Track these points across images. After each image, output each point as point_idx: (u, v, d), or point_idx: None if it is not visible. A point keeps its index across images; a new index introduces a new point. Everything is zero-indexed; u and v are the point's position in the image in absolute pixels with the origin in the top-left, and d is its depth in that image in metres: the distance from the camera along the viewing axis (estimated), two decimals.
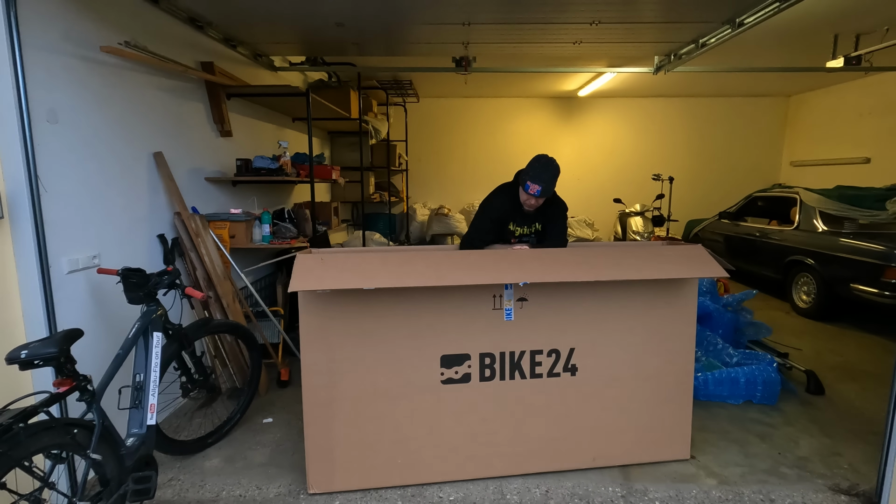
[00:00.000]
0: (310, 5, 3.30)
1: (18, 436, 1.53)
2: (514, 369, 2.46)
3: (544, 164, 2.59)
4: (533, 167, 2.59)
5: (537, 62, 5.52)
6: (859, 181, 6.62)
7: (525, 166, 2.65)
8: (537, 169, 2.57)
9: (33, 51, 2.19)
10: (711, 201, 8.48)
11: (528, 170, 2.60)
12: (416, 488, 2.43)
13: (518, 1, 3.27)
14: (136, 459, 2.04)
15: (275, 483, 2.48)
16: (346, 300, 2.30)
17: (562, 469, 2.55)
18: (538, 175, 2.55)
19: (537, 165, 2.59)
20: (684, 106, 8.72)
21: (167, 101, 3.20)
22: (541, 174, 2.55)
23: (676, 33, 4.06)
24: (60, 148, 2.36)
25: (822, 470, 2.58)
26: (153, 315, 2.25)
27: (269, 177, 3.78)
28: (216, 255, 3.31)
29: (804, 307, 5.30)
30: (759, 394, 3.24)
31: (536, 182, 2.54)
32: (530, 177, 2.55)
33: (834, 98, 7.68)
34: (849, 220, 5.00)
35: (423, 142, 8.66)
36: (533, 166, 2.59)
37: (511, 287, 2.41)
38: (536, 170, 2.57)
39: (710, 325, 3.82)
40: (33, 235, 2.18)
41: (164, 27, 3.20)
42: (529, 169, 2.59)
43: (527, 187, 2.56)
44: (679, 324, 2.57)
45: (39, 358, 1.71)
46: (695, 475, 2.53)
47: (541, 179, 2.54)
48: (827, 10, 3.99)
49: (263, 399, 3.39)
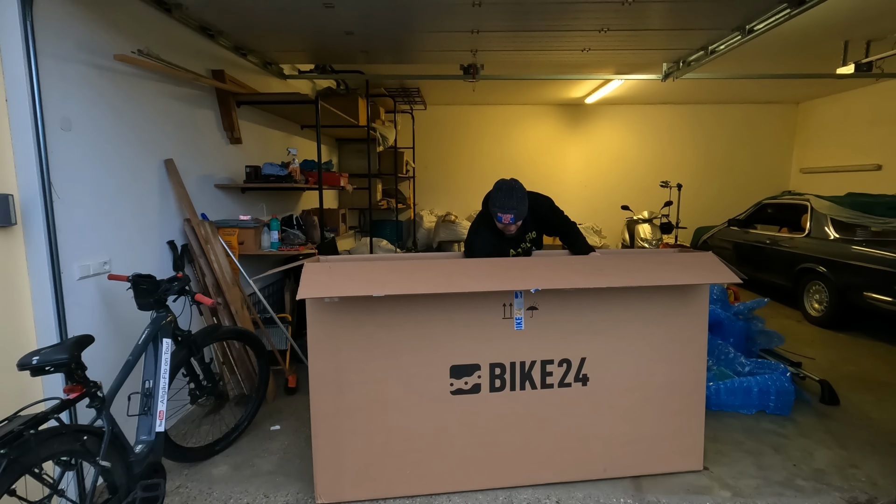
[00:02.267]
0: (320, 14, 3.32)
1: (29, 442, 1.53)
2: (525, 379, 2.44)
3: (507, 191, 2.52)
4: (496, 197, 2.53)
5: (545, 69, 5.54)
6: (871, 188, 6.56)
7: (489, 192, 2.60)
8: (501, 198, 2.51)
9: (48, 59, 2.22)
10: (720, 208, 8.43)
11: (493, 201, 2.54)
12: (425, 499, 2.40)
13: (526, 9, 3.28)
14: (145, 466, 2.04)
15: (282, 492, 2.46)
16: (355, 309, 2.29)
17: (572, 480, 2.52)
18: (504, 204, 2.50)
19: (499, 195, 2.52)
20: (692, 113, 8.69)
21: (178, 108, 3.23)
22: (506, 202, 2.50)
23: (685, 40, 4.05)
24: (73, 155, 2.38)
25: (839, 483, 2.52)
26: (163, 321, 2.25)
27: (277, 184, 3.80)
28: (225, 262, 3.32)
29: (816, 316, 5.23)
30: (773, 404, 3.19)
31: (506, 211, 2.50)
32: (498, 208, 2.51)
33: (844, 105, 7.62)
34: (861, 228, 4.94)
35: (430, 149, 8.69)
36: (496, 196, 2.53)
37: (521, 296, 2.39)
38: (501, 199, 2.51)
39: (722, 333, 3.77)
40: (46, 242, 2.20)
41: (177, 36, 3.23)
42: (495, 200, 2.53)
43: (499, 219, 2.53)
44: (691, 332, 2.54)
45: (50, 364, 1.71)
46: (708, 487, 2.49)
47: (508, 207, 2.49)
48: (837, 16, 3.97)
49: (271, 406, 3.38)
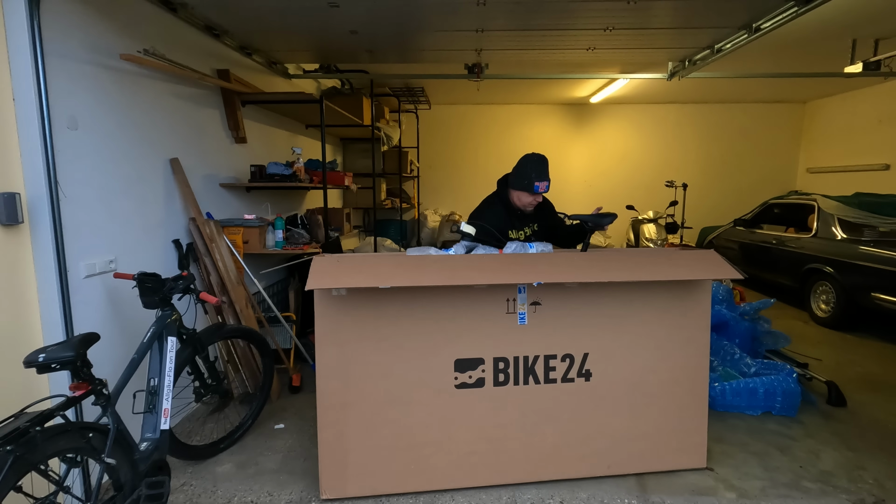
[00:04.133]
0: (325, 14, 3.32)
1: (35, 439, 1.53)
2: (528, 374, 2.44)
3: (540, 161, 2.65)
4: (532, 167, 2.62)
5: (550, 69, 5.52)
6: (878, 188, 6.50)
7: (514, 170, 2.70)
8: (538, 167, 2.62)
9: (55, 58, 2.23)
10: (726, 208, 8.37)
11: (527, 171, 2.62)
12: (429, 495, 2.40)
13: (531, 8, 3.27)
14: (150, 464, 2.04)
15: (286, 490, 2.47)
16: (362, 304, 2.29)
17: (576, 476, 2.51)
18: (542, 172, 2.62)
19: (535, 164, 2.63)
20: (698, 112, 8.64)
21: (184, 107, 3.24)
22: (543, 171, 2.62)
23: (691, 39, 4.02)
24: (79, 154, 2.39)
25: (846, 485, 2.50)
26: (168, 320, 2.26)
27: (282, 183, 3.81)
28: (230, 261, 3.33)
29: (823, 316, 5.19)
30: (779, 405, 3.16)
31: (543, 179, 2.61)
32: (536, 176, 2.60)
33: (852, 104, 7.56)
34: (869, 228, 4.90)
35: (434, 148, 8.68)
36: (531, 166, 2.62)
37: (524, 290, 2.39)
38: (537, 169, 2.62)
39: (727, 334, 3.74)
40: (52, 240, 2.21)
41: (182, 35, 3.25)
42: (529, 170, 2.62)
43: (535, 189, 2.61)
44: (693, 328, 2.54)
45: (56, 362, 1.72)
46: (714, 488, 2.47)
47: (545, 176, 2.62)
48: (845, 14, 3.94)
49: (275, 405, 3.39)
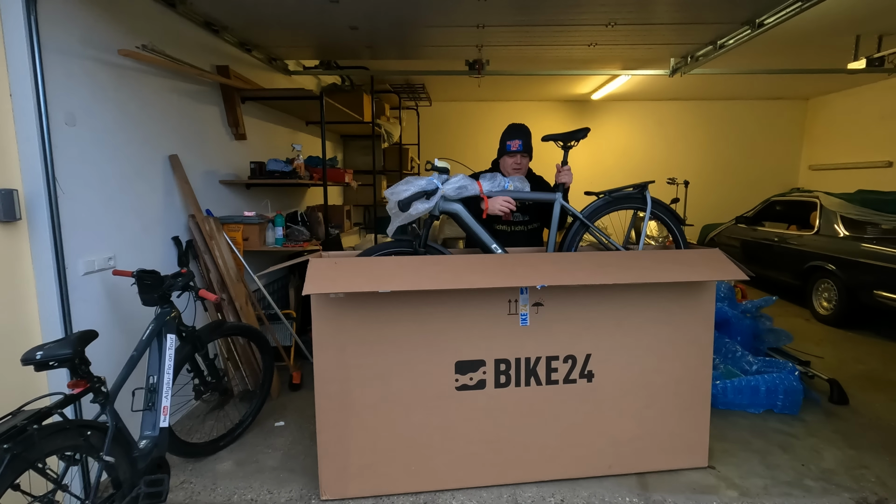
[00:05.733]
0: (325, 9, 3.30)
1: (33, 437, 1.52)
2: (530, 375, 2.42)
3: (514, 126, 2.83)
4: (505, 134, 2.82)
5: (551, 65, 5.48)
6: (881, 185, 6.48)
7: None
8: (509, 131, 2.81)
9: (52, 54, 2.21)
10: (728, 205, 8.34)
11: (502, 139, 2.82)
12: (429, 495, 2.39)
13: (533, 3, 3.25)
14: (149, 462, 2.03)
15: (286, 488, 2.46)
16: (360, 305, 2.28)
17: (577, 476, 2.50)
18: (512, 133, 2.78)
19: (507, 129, 2.84)
20: (700, 109, 8.61)
21: (183, 104, 3.22)
22: (513, 132, 2.79)
23: (694, 34, 3.99)
24: (78, 150, 2.37)
25: (849, 483, 2.49)
26: (167, 317, 2.25)
27: (282, 180, 3.79)
28: (229, 258, 3.32)
29: (825, 314, 5.17)
30: (781, 403, 3.15)
31: (514, 138, 2.75)
32: (507, 137, 2.79)
33: (855, 100, 7.52)
34: (871, 225, 4.87)
35: (435, 145, 8.65)
36: (505, 134, 2.83)
37: (527, 291, 2.37)
38: (508, 132, 2.81)
39: (729, 331, 3.73)
40: (50, 237, 2.19)
41: (181, 31, 3.23)
42: (504, 137, 2.82)
43: (508, 147, 2.77)
44: (696, 329, 2.52)
45: (54, 359, 1.71)
46: (715, 486, 2.46)
47: (516, 136, 2.76)
48: (849, 9, 3.90)
49: (275, 402, 3.38)
